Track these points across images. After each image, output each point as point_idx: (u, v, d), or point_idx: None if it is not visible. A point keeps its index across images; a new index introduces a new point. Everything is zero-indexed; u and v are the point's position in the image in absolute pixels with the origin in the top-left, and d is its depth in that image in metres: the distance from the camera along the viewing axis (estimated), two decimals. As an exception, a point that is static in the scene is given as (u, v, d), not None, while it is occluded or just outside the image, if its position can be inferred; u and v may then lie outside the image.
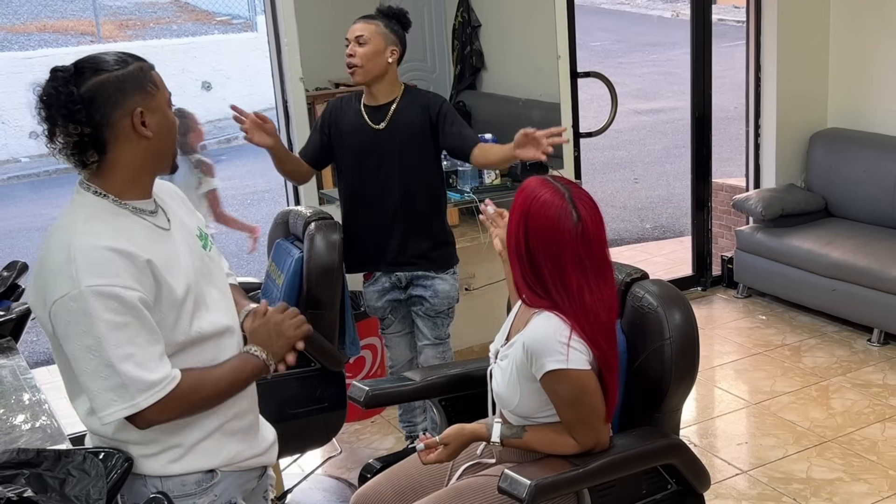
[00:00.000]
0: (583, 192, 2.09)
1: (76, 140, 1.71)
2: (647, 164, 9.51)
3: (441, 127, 3.17)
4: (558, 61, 4.37)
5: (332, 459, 3.68)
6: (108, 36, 13.65)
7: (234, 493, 1.92)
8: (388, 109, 3.17)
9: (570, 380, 2.02)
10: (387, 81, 3.16)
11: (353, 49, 3.09)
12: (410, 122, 3.16)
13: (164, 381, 1.71)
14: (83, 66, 1.72)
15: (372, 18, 3.13)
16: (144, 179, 1.81)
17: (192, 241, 1.90)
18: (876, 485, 3.35)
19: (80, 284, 1.65)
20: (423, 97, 3.23)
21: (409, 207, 3.23)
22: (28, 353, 5.13)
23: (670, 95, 12.25)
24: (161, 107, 1.79)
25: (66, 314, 1.66)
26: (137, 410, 1.69)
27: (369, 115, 3.19)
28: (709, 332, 4.80)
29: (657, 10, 19.09)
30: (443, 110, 3.17)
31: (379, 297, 3.38)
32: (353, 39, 3.10)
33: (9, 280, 2.90)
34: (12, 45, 13.12)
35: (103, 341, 1.66)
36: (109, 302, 1.65)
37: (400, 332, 3.46)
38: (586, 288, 2.03)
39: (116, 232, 1.72)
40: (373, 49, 3.08)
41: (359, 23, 3.12)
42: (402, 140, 3.16)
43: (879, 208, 4.87)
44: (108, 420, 1.70)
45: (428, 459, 2.17)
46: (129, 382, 1.67)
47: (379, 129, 3.17)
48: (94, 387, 1.69)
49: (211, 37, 14.00)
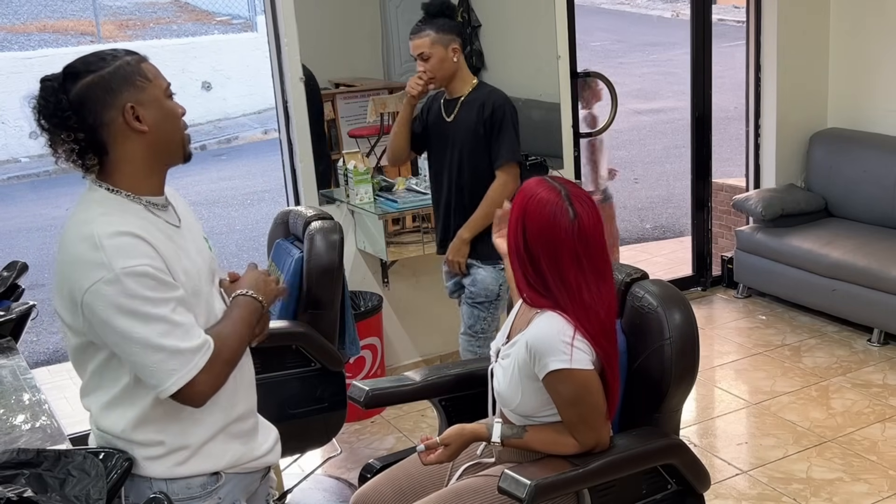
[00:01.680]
0: (580, 191, 2.09)
1: (74, 146, 1.71)
2: (647, 164, 9.51)
3: (489, 130, 3.32)
4: (558, 61, 4.37)
5: (332, 459, 3.68)
6: (108, 36, 13.65)
7: (238, 496, 1.92)
8: (457, 103, 3.37)
9: (573, 379, 2.02)
10: (459, 78, 3.35)
11: (421, 65, 3.29)
12: (468, 117, 3.33)
13: (206, 343, 1.74)
14: (70, 71, 1.72)
15: (421, 31, 3.28)
16: (154, 174, 1.81)
17: (200, 242, 1.92)
18: (876, 485, 3.35)
19: (115, 268, 1.66)
20: (485, 95, 3.35)
21: (459, 197, 3.41)
22: (28, 353, 5.13)
23: (670, 95, 12.24)
24: (155, 98, 1.77)
25: (102, 300, 1.67)
26: (198, 371, 1.71)
27: (445, 108, 3.41)
28: (709, 332, 4.80)
29: (657, 10, 19.08)
30: (496, 116, 3.30)
31: (448, 278, 3.57)
32: (416, 57, 3.29)
33: (9, 280, 2.90)
34: (12, 45, 13.12)
35: (149, 317, 1.67)
36: (146, 280, 1.67)
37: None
38: (584, 286, 2.03)
39: (132, 223, 1.73)
40: (437, 59, 3.27)
41: (414, 40, 3.29)
42: (461, 134, 3.35)
43: (879, 208, 4.87)
44: (174, 390, 1.71)
45: (428, 460, 2.17)
46: (185, 349, 1.70)
47: (449, 122, 3.38)
48: (150, 362, 1.70)
49: (211, 37, 13.99)
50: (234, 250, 7.40)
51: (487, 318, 3.45)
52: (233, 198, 9.03)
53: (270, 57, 3.98)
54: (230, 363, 1.81)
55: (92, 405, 1.84)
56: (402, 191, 4.03)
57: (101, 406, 1.81)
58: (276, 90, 3.99)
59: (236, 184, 9.53)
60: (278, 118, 4.07)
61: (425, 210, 3.97)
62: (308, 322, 2.97)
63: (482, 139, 3.32)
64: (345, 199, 4.06)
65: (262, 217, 8.21)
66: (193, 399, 1.75)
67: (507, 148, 3.31)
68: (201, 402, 1.76)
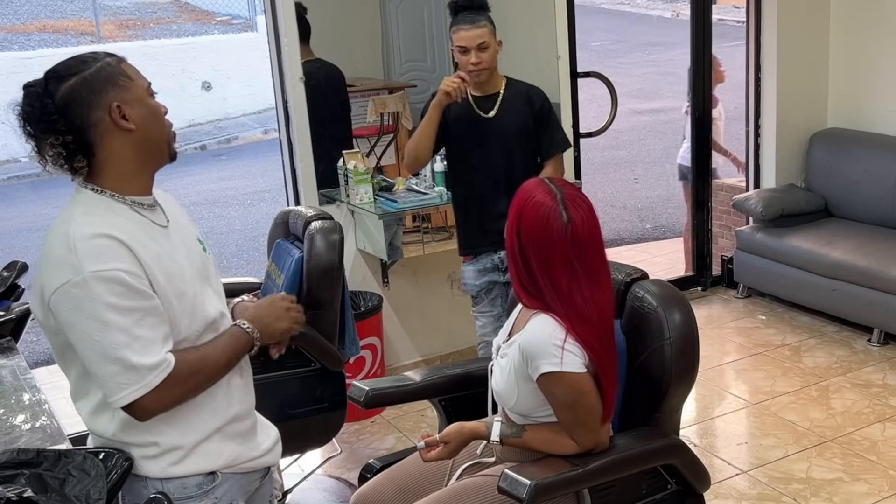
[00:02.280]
0: (578, 195, 2.08)
1: (62, 150, 1.71)
2: (647, 164, 9.50)
3: (538, 123, 3.35)
4: (558, 61, 4.38)
5: (332, 459, 3.68)
6: (108, 36, 13.65)
7: (236, 496, 1.92)
8: (497, 98, 3.33)
9: (564, 382, 2.02)
10: (496, 72, 3.33)
11: (479, 56, 3.22)
12: (517, 112, 3.33)
13: (163, 363, 1.71)
14: (52, 76, 1.72)
15: (478, 21, 3.22)
16: (141, 174, 1.81)
17: (192, 243, 1.91)
18: (876, 485, 3.34)
19: (83, 271, 1.65)
20: (526, 89, 3.37)
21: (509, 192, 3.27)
22: (28, 353, 5.13)
23: (670, 95, 12.22)
24: (139, 97, 1.77)
25: (68, 301, 1.66)
26: (149, 389, 1.69)
27: (478, 105, 3.34)
28: (709, 332, 4.80)
29: (657, 10, 19.08)
30: (544, 108, 3.36)
31: (478, 275, 3.46)
32: (473, 48, 3.22)
33: (9, 280, 2.90)
34: (12, 45, 13.12)
35: (110, 325, 1.66)
36: (114, 286, 1.66)
37: (487, 313, 3.51)
38: (577, 290, 2.03)
39: (113, 223, 1.72)
40: (493, 50, 3.26)
41: (473, 29, 3.22)
42: (510, 129, 3.33)
43: (879, 208, 4.87)
44: (121, 404, 1.70)
45: (428, 457, 2.18)
46: (139, 364, 1.68)
47: (489, 118, 3.33)
48: (102, 371, 1.69)
49: (211, 37, 13.99)
50: (234, 250, 7.39)
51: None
52: (233, 198, 9.03)
53: (270, 57, 3.98)
54: (190, 388, 1.78)
55: (81, 410, 1.84)
56: (402, 191, 4.03)
57: (89, 411, 1.81)
58: (276, 90, 3.99)
59: (236, 184, 9.53)
60: (278, 118, 4.07)
61: (425, 210, 3.97)
62: (308, 322, 2.96)
63: (532, 133, 3.35)
64: (345, 199, 4.06)
65: (262, 217, 8.21)
66: (138, 415, 1.73)
67: (562, 137, 3.42)
68: (146, 418, 1.75)
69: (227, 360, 1.84)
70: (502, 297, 3.46)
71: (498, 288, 3.46)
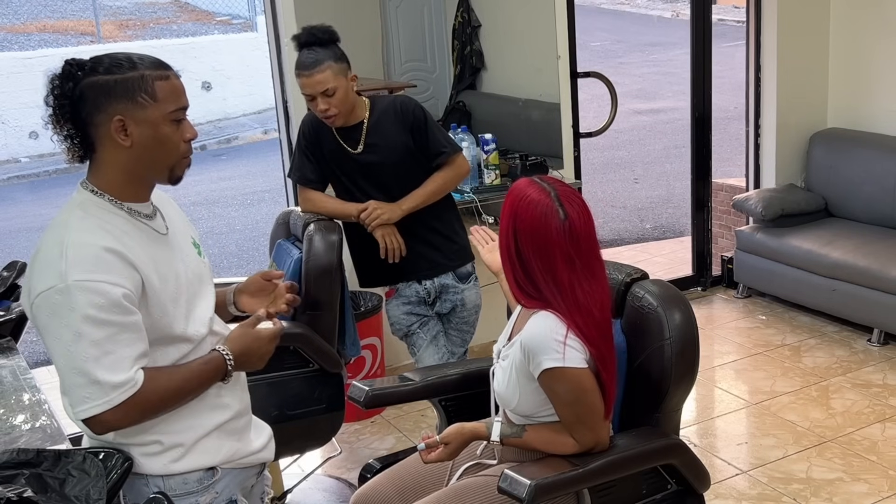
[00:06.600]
0: (570, 191, 2.09)
1: (65, 133, 1.74)
2: (647, 164, 9.50)
3: (418, 133, 3.08)
4: (558, 61, 4.37)
5: (332, 459, 3.68)
6: (108, 36, 13.66)
7: (235, 490, 1.94)
8: (361, 129, 3.07)
9: (566, 378, 2.03)
10: (356, 105, 3.06)
11: (327, 103, 2.95)
12: (387, 135, 3.07)
13: (130, 381, 1.70)
14: (89, 66, 1.74)
15: (320, 60, 2.92)
16: (138, 183, 1.81)
17: (188, 248, 1.92)
18: (876, 485, 3.34)
19: (68, 278, 1.66)
20: (390, 104, 3.11)
21: (419, 213, 3.13)
22: (28, 353, 5.13)
23: (670, 95, 12.24)
24: (152, 120, 1.75)
25: (48, 307, 1.67)
26: (110, 407, 1.68)
27: (344, 138, 3.09)
28: (709, 332, 4.80)
29: (657, 10, 19.07)
30: (416, 117, 3.08)
31: (405, 310, 3.28)
32: (318, 94, 2.94)
33: (9, 280, 2.90)
34: (12, 45, 13.13)
35: (82, 336, 1.66)
36: (95, 297, 1.66)
37: (425, 338, 3.33)
38: (578, 285, 2.04)
39: (110, 232, 1.73)
40: (342, 92, 2.96)
41: (314, 75, 2.92)
42: (387, 154, 3.07)
43: (879, 208, 4.87)
44: (82, 417, 1.70)
45: (429, 458, 2.18)
46: (103, 381, 1.67)
47: (357, 154, 3.08)
48: (69, 382, 1.70)
49: (211, 37, 14.01)
50: (234, 250, 7.40)
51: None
52: (233, 198, 9.04)
53: (270, 57, 3.98)
54: (152, 410, 1.77)
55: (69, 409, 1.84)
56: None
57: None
58: (276, 90, 3.99)
59: (236, 184, 9.54)
60: (278, 118, 4.07)
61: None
62: (307, 323, 2.96)
63: (413, 150, 3.09)
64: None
65: (262, 217, 8.22)
66: (96, 429, 1.73)
67: (446, 137, 3.14)
68: (102, 433, 1.75)
69: (199, 385, 1.84)
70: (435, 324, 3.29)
71: (433, 320, 3.27)
